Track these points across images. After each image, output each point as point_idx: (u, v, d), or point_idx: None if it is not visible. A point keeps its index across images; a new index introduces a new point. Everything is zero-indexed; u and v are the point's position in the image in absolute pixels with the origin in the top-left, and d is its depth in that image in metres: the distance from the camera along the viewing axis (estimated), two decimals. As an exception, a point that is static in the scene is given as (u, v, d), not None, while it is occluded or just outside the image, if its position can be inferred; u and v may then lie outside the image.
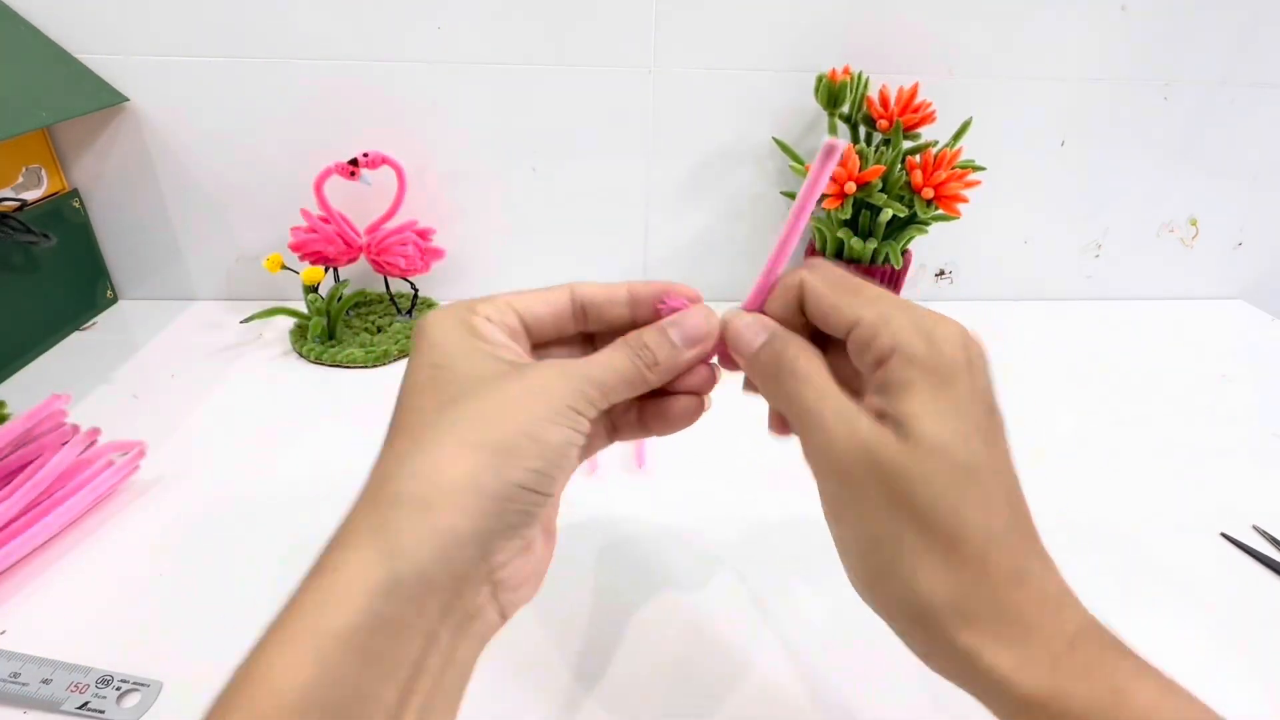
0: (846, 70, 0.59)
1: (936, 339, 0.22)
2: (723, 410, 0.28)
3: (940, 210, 0.58)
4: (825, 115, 0.62)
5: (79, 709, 0.31)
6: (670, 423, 0.27)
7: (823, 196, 0.58)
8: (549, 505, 0.23)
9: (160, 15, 0.56)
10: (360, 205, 0.61)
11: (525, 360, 0.24)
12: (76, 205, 0.62)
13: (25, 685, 0.31)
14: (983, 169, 0.59)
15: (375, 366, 0.58)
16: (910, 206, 0.58)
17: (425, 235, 0.62)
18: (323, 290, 0.59)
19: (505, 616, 0.23)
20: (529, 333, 0.26)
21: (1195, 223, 0.74)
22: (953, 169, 0.57)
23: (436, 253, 0.63)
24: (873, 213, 0.59)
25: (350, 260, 0.61)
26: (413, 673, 0.20)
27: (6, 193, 0.56)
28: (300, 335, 0.61)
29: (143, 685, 0.32)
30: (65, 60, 0.56)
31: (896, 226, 0.60)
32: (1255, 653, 0.36)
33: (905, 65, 0.62)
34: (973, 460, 0.21)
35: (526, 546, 0.22)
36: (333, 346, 0.59)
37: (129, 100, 0.59)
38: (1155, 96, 0.67)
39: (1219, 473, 0.50)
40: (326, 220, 0.60)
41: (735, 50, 0.61)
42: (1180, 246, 0.75)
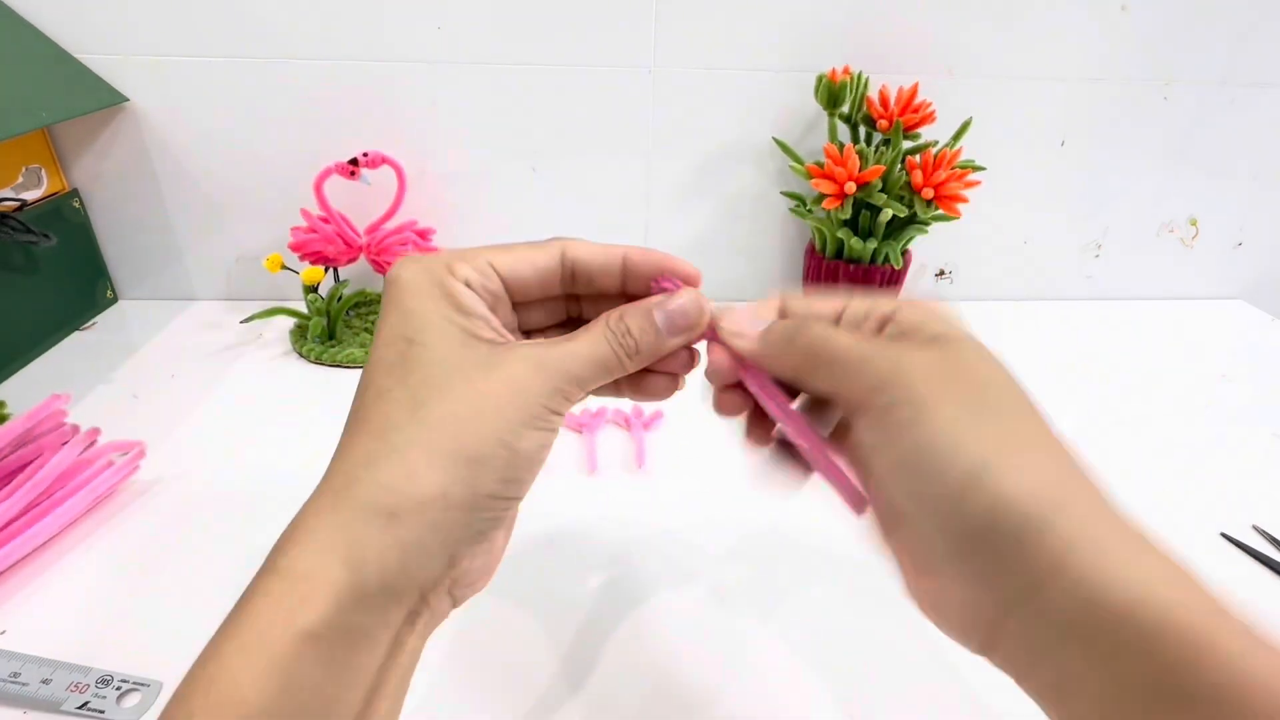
0: (846, 70, 0.59)
1: (925, 305, 0.23)
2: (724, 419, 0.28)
3: (940, 210, 0.58)
4: (825, 115, 0.62)
5: (79, 709, 0.31)
6: (643, 395, 0.26)
7: (821, 196, 0.58)
8: (516, 506, 0.22)
9: (160, 15, 0.56)
10: (360, 205, 0.61)
11: (501, 339, 0.22)
12: (76, 205, 0.62)
13: (25, 685, 0.31)
14: (983, 169, 0.59)
15: (375, 366, 0.58)
16: (910, 206, 0.58)
17: (425, 235, 0.62)
18: (323, 290, 0.59)
19: (456, 606, 0.23)
20: (511, 295, 0.24)
21: (1195, 223, 0.74)
22: (953, 169, 0.57)
23: (436, 253, 0.63)
24: (873, 213, 0.59)
25: (350, 260, 0.61)
26: (376, 678, 0.19)
27: (6, 193, 0.56)
28: (300, 335, 0.60)
29: (143, 685, 0.32)
30: (65, 60, 0.56)
31: (896, 226, 0.60)
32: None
33: (905, 65, 0.62)
34: (1002, 367, 0.21)
35: (488, 547, 0.22)
36: (333, 346, 0.59)
37: (129, 100, 0.59)
38: (1155, 96, 0.67)
39: (1219, 473, 0.50)
40: (326, 220, 0.60)
41: (735, 50, 0.61)
42: (1180, 246, 0.75)
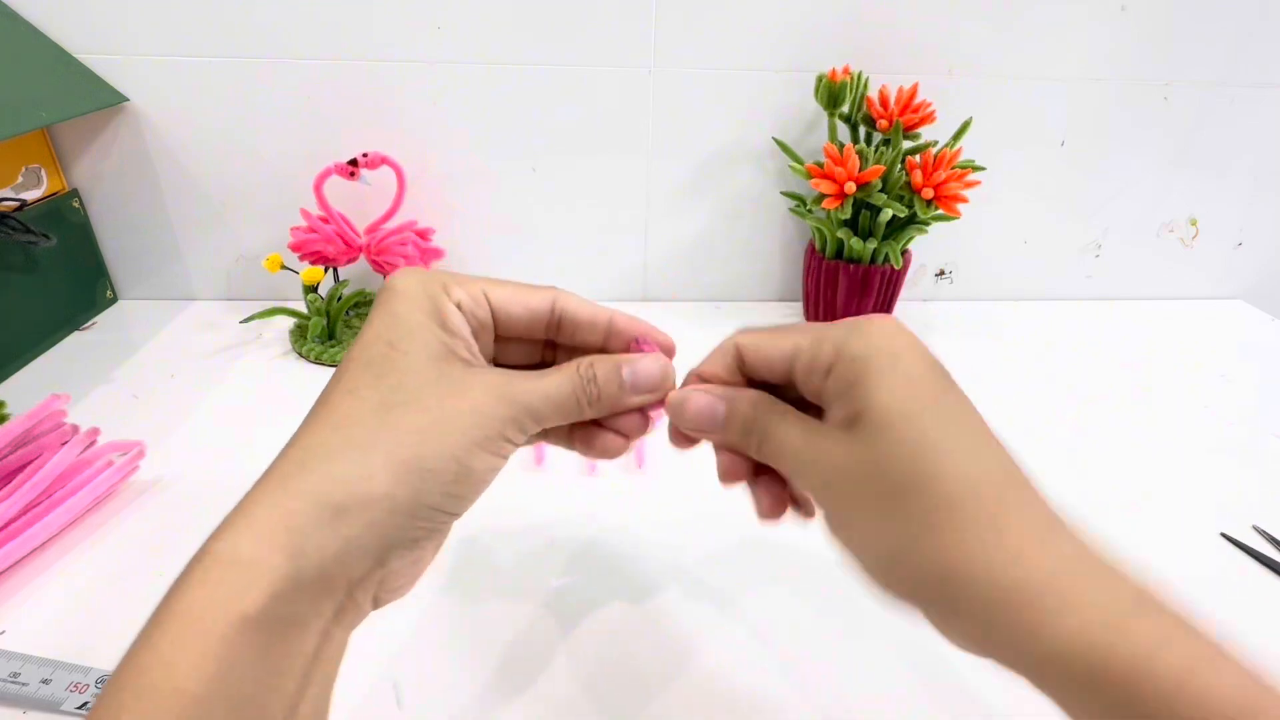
0: (846, 70, 0.59)
1: (870, 331, 0.22)
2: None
3: (940, 210, 0.58)
4: (825, 115, 0.62)
5: (79, 709, 0.31)
6: (593, 451, 0.26)
7: (820, 196, 0.58)
8: (451, 524, 0.23)
9: (160, 15, 0.56)
10: (360, 205, 0.61)
11: (475, 362, 0.24)
12: (76, 205, 0.62)
13: (25, 685, 0.31)
14: (983, 169, 0.59)
15: (375, 366, 0.58)
16: (910, 206, 0.58)
17: (425, 235, 0.62)
18: (322, 290, 0.59)
19: (377, 608, 0.23)
20: (496, 327, 0.25)
21: (1195, 223, 0.74)
22: (952, 169, 0.57)
23: (436, 253, 0.63)
24: (873, 213, 0.59)
25: (350, 260, 0.61)
26: (308, 667, 0.20)
27: (6, 193, 0.56)
28: (300, 335, 0.60)
29: (142, 685, 0.32)
30: (65, 60, 0.56)
31: (896, 226, 0.60)
32: (1255, 653, 0.36)
33: (905, 65, 0.62)
34: (941, 423, 0.21)
35: (418, 556, 0.23)
36: (333, 346, 0.59)
37: (129, 100, 0.59)
38: (1155, 96, 0.67)
39: (1219, 473, 0.50)
40: (326, 220, 0.60)
41: (735, 50, 0.61)
42: (1180, 246, 0.75)
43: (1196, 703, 0.17)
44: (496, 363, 0.26)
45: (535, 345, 0.27)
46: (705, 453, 0.27)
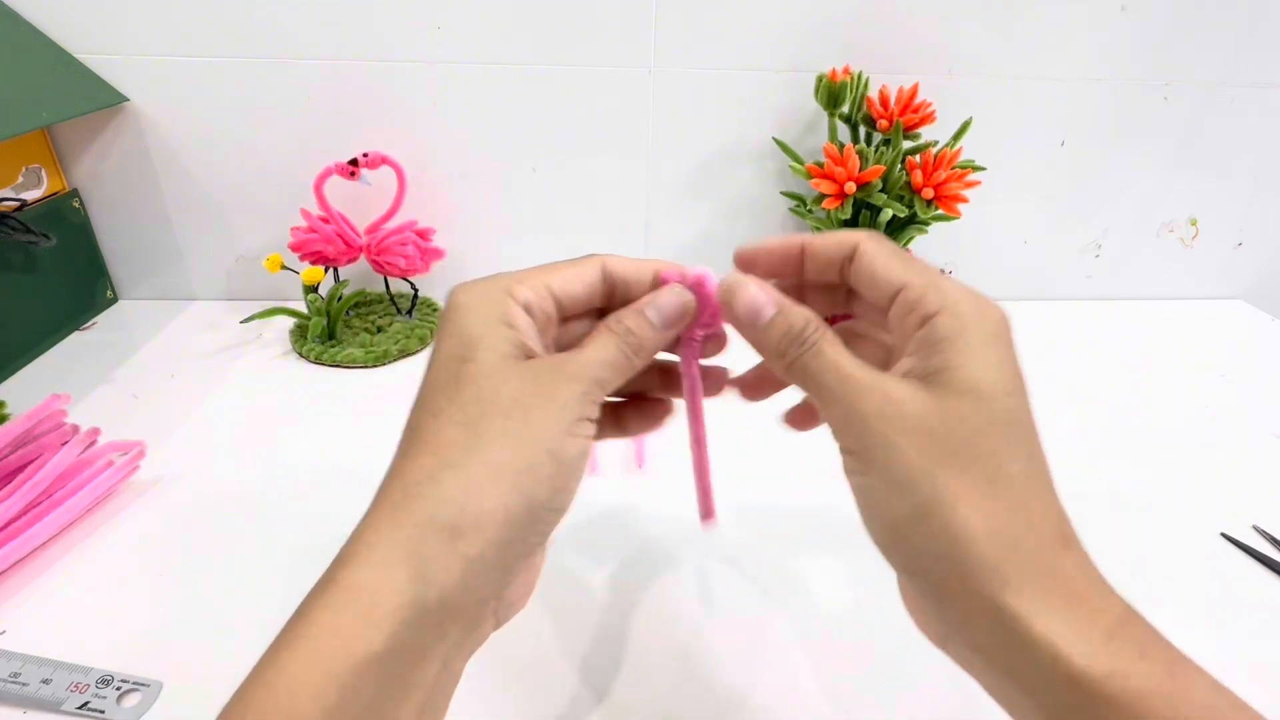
0: (846, 70, 0.59)
1: (983, 302, 0.22)
2: (723, 410, 0.28)
3: (940, 210, 0.58)
4: (825, 115, 0.62)
5: (79, 709, 0.31)
6: (643, 423, 0.27)
7: (820, 196, 0.58)
8: (558, 523, 0.23)
9: (160, 15, 0.56)
10: (360, 205, 0.61)
11: (539, 354, 0.23)
12: (76, 205, 0.62)
13: (25, 685, 0.31)
14: (983, 169, 0.59)
15: (375, 366, 0.58)
16: (910, 206, 0.58)
17: (425, 235, 0.62)
18: (323, 290, 0.59)
19: (498, 627, 0.23)
20: (561, 312, 0.25)
21: (1195, 223, 0.74)
22: (953, 169, 0.57)
23: (436, 253, 0.63)
24: (873, 213, 0.59)
25: (350, 260, 0.61)
26: (427, 694, 0.20)
27: (6, 193, 0.56)
28: (300, 335, 0.60)
29: (143, 685, 0.32)
30: (65, 60, 0.56)
31: (896, 226, 0.60)
32: (1255, 653, 0.36)
33: (905, 65, 0.62)
34: (1015, 410, 0.21)
35: (532, 565, 0.23)
36: (333, 346, 0.59)
37: (129, 100, 0.59)
38: (1155, 96, 0.67)
39: (1219, 473, 0.50)
40: (326, 220, 0.60)
41: (735, 50, 0.61)
42: (1180, 246, 0.75)
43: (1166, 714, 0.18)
44: (560, 347, 0.26)
45: (591, 317, 0.27)
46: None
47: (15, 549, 0.37)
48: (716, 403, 0.27)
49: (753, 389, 0.28)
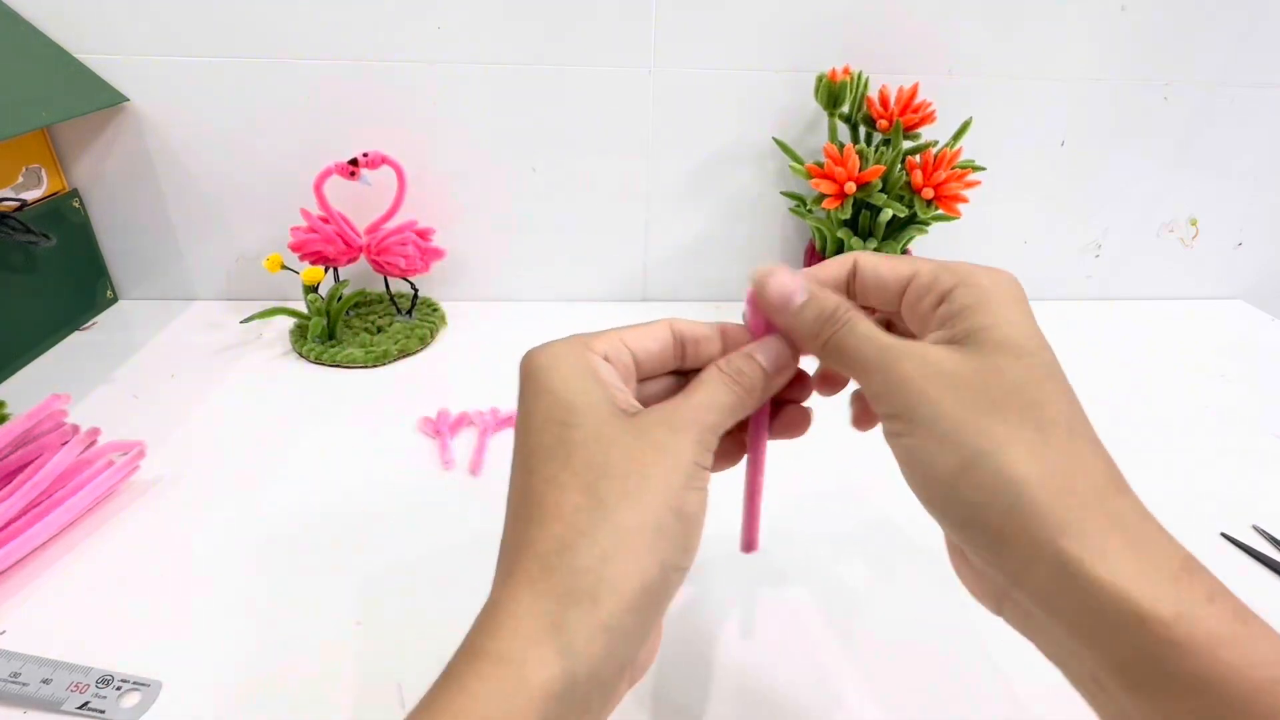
0: (846, 70, 0.59)
1: (994, 270, 0.23)
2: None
3: (940, 210, 0.58)
4: (825, 115, 0.62)
5: (79, 709, 0.31)
6: (779, 432, 0.27)
7: (820, 197, 0.58)
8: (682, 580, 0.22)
9: (160, 15, 0.56)
10: (360, 205, 0.61)
11: (637, 407, 0.23)
12: (76, 205, 0.62)
13: (25, 685, 0.31)
14: (983, 169, 0.59)
15: (375, 366, 0.58)
16: (910, 206, 0.58)
17: (425, 235, 0.62)
18: (322, 290, 0.59)
19: (631, 687, 0.23)
20: (638, 370, 0.25)
21: (1195, 223, 0.74)
22: (953, 169, 0.57)
23: (436, 253, 0.63)
24: (873, 213, 0.59)
25: (350, 260, 0.61)
26: None
27: (6, 193, 0.56)
28: (300, 335, 0.61)
29: (143, 685, 0.32)
30: (65, 60, 0.56)
31: (896, 226, 0.60)
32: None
33: (905, 65, 0.62)
34: (1051, 364, 0.21)
35: (660, 622, 0.23)
36: (333, 346, 0.59)
37: (129, 100, 0.59)
38: (1155, 96, 0.67)
39: (1219, 473, 0.50)
40: (326, 220, 0.60)
41: (735, 50, 0.61)
42: (1180, 246, 0.75)
43: (1235, 664, 0.17)
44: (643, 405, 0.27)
45: (666, 380, 0.27)
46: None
47: (15, 549, 0.37)
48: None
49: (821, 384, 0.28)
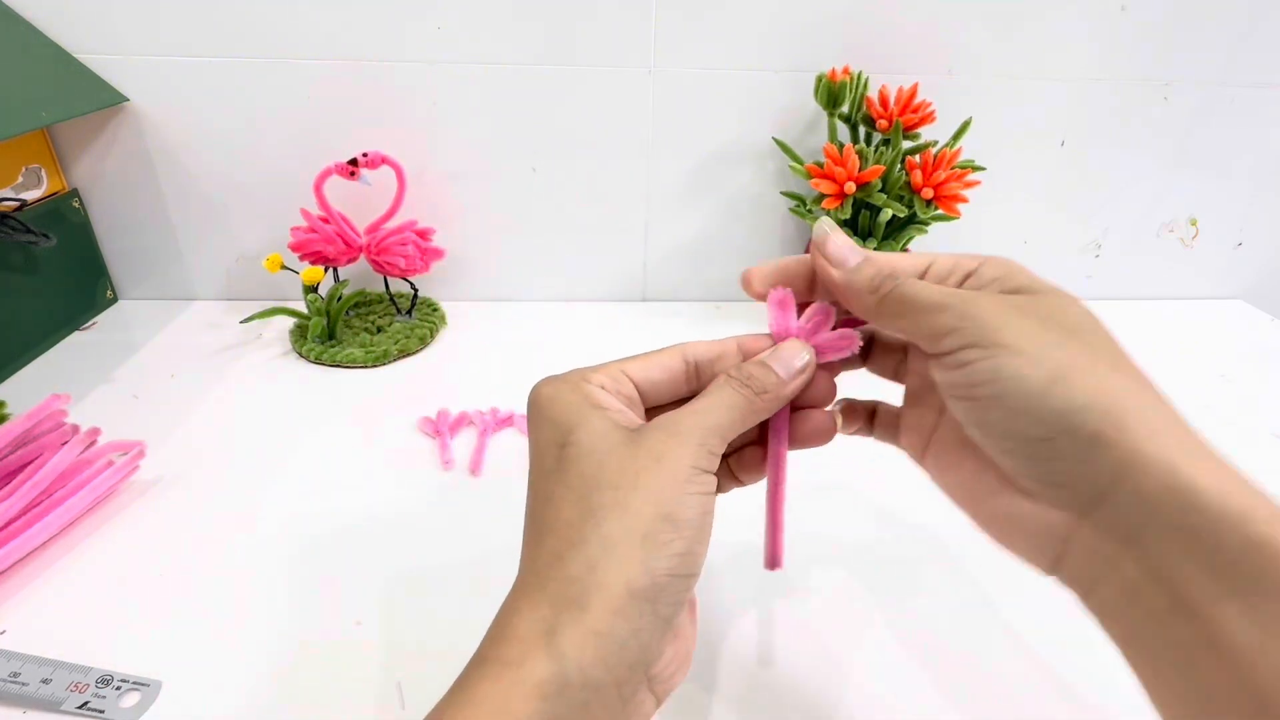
0: (846, 70, 0.59)
1: (1010, 259, 0.25)
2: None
3: (940, 210, 0.58)
4: (825, 115, 0.62)
5: (79, 709, 0.31)
6: (802, 441, 0.27)
7: (820, 197, 0.58)
8: (693, 586, 0.22)
9: (160, 15, 0.56)
10: (360, 205, 0.61)
11: (639, 424, 0.24)
12: (76, 205, 0.62)
13: (25, 685, 0.31)
14: (983, 169, 0.59)
15: (375, 366, 0.58)
16: (910, 206, 0.58)
17: (425, 235, 0.62)
18: (322, 290, 0.59)
19: (660, 703, 0.23)
20: (644, 398, 0.25)
21: (1195, 223, 0.74)
22: (952, 169, 0.57)
23: (436, 253, 0.63)
24: (872, 213, 0.59)
25: (350, 260, 0.61)
26: None
27: (6, 193, 0.56)
28: (300, 335, 0.61)
29: (143, 685, 0.32)
30: (65, 60, 0.56)
31: (896, 226, 0.60)
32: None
33: (905, 65, 0.62)
34: (1082, 308, 0.24)
35: (675, 634, 0.23)
36: (333, 346, 0.59)
37: (129, 100, 0.59)
38: (1155, 96, 0.67)
39: (1219, 473, 0.50)
40: (326, 220, 0.60)
41: (735, 50, 0.61)
42: (1180, 246, 0.75)
43: None
44: None
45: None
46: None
47: (15, 549, 0.37)
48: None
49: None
